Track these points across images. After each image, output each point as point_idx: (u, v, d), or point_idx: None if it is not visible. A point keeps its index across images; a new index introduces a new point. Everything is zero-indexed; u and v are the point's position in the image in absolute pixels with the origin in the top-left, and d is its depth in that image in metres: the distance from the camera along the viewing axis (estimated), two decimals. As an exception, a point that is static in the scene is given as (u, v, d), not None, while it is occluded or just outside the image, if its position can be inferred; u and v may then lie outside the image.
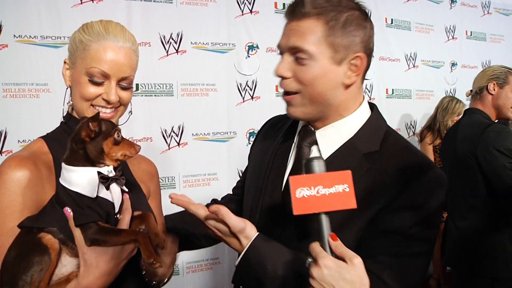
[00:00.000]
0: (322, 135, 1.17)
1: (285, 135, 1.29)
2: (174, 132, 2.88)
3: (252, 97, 3.13)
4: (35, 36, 2.47)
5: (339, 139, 1.15)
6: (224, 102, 3.04)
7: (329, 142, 1.16)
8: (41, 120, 2.42)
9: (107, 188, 1.05)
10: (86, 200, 1.02)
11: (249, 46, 3.12)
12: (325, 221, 0.91)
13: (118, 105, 1.21)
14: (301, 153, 1.19)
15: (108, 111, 1.20)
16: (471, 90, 2.63)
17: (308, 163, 0.93)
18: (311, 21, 1.07)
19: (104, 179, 1.04)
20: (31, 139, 1.26)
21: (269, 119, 1.47)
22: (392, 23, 3.79)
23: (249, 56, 3.12)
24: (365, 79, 1.19)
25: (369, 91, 3.63)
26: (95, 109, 1.18)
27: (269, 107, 3.06)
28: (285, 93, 1.15)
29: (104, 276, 1.04)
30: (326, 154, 1.15)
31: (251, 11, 3.13)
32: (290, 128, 1.30)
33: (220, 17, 3.02)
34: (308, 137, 1.19)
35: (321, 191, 0.90)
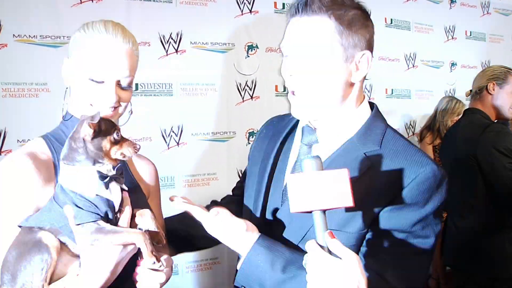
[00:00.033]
0: (323, 134, 1.17)
1: (286, 135, 1.29)
2: (174, 132, 2.87)
3: (252, 97, 3.12)
4: (35, 36, 2.47)
5: (340, 138, 1.15)
6: (224, 102, 3.03)
7: (330, 141, 1.16)
8: (41, 120, 2.40)
9: (107, 187, 1.04)
10: (85, 200, 1.02)
11: (249, 46, 3.11)
12: (322, 219, 0.91)
13: (118, 105, 1.21)
14: (302, 152, 1.19)
15: (108, 111, 1.19)
16: (471, 90, 2.63)
17: (306, 162, 0.94)
18: (320, 18, 1.07)
19: (103, 178, 1.03)
20: (31, 139, 1.25)
21: (269, 119, 1.47)
22: (392, 23, 3.79)
23: (249, 56, 3.11)
24: (365, 79, 1.19)
25: (369, 91, 3.63)
26: (95, 109, 1.18)
27: (269, 107, 3.07)
28: (291, 92, 1.14)
29: (106, 275, 1.04)
30: (327, 153, 1.15)
31: (251, 11, 3.12)
32: (290, 128, 1.30)
33: (220, 17, 3.01)
34: (309, 136, 1.19)
35: (318, 189, 0.91)
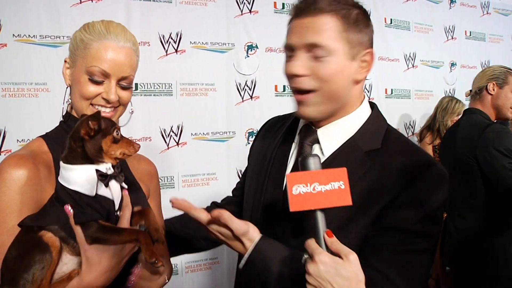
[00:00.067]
0: (324, 134, 1.17)
1: (285, 135, 1.29)
2: (173, 132, 2.87)
3: (251, 97, 3.13)
4: (34, 36, 2.47)
5: (341, 138, 1.15)
6: (223, 102, 3.03)
7: (331, 141, 1.16)
8: (40, 120, 2.41)
9: (106, 186, 1.04)
10: (86, 199, 1.02)
11: (248, 46, 3.11)
12: (321, 218, 0.91)
13: (118, 105, 1.21)
14: (303, 152, 1.19)
15: (108, 111, 1.19)
16: (471, 90, 2.63)
17: (304, 160, 0.94)
18: (327, 17, 1.07)
19: (103, 177, 1.03)
20: (30, 139, 1.25)
21: (268, 120, 1.47)
22: (391, 23, 3.79)
23: (248, 56, 3.11)
24: (365, 79, 1.19)
25: (368, 91, 3.63)
26: (95, 108, 1.18)
27: (268, 107, 3.06)
28: (298, 92, 1.13)
29: (107, 273, 1.04)
30: (328, 153, 1.15)
31: (251, 11, 3.12)
32: (290, 128, 1.30)
33: (220, 17, 3.02)
34: (310, 136, 1.19)
35: (317, 188, 0.91)
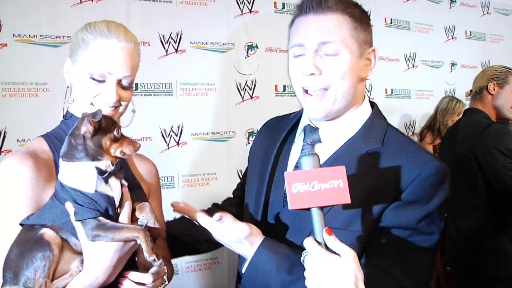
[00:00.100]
0: (326, 133, 1.17)
1: (286, 135, 1.29)
2: (173, 132, 2.87)
3: (252, 97, 3.12)
4: (34, 36, 2.46)
5: (342, 137, 1.16)
6: (224, 102, 3.03)
7: (333, 140, 1.16)
8: (40, 120, 2.40)
9: (106, 182, 1.04)
10: (85, 196, 1.01)
11: (249, 46, 3.11)
12: (320, 216, 0.92)
13: (118, 105, 1.21)
14: (305, 152, 1.19)
15: (108, 110, 1.19)
16: (471, 90, 2.63)
17: (303, 159, 0.94)
18: (337, 15, 1.08)
19: (102, 174, 1.03)
20: (31, 139, 1.25)
21: (268, 120, 1.48)
22: (392, 23, 3.78)
23: (249, 56, 3.11)
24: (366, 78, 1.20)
25: (369, 91, 3.62)
26: (95, 108, 1.18)
27: (269, 107, 3.06)
28: (311, 91, 1.12)
29: (108, 270, 1.04)
30: (330, 152, 1.15)
31: (251, 11, 3.12)
32: (290, 128, 1.30)
33: (220, 17, 3.01)
34: (312, 136, 1.19)
35: (316, 186, 0.91)
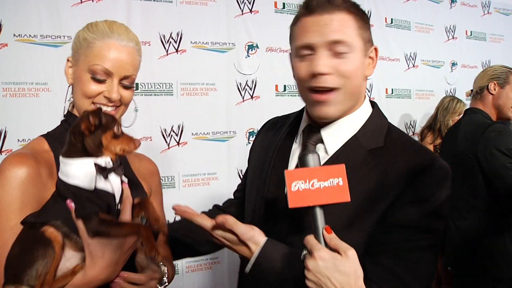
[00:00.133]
0: (327, 133, 1.18)
1: (286, 135, 1.29)
2: (174, 132, 2.87)
3: (252, 97, 3.12)
4: (35, 35, 2.47)
5: (344, 136, 1.16)
6: (224, 102, 3.03)
7: (334, 139, 1.16)
8: (41, 119, 2.41)
9: (106, 178, 1.04)
10: (85, 193, 1.02)
11: (249, 46, 3.11)
12: (320, 214, 0.92)
13: (119, 104, 1.22)
14: (305, 151, 1.19)
15: (109, 109, 1.20)
16: (471, 90, 2.62)
17: (303, 157, 0.95)
18: (344, 14, 1.09)
19: (102, 170, 1.03)
20: (31, 138, 1.25)
21: (268, 120, 1.48)
22: (392, 23, 3.78)
23: (249, 56, 3.11)
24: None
25: (369, 91, 3.63)
26: (96, 107, 1.18)
27: (269, 107, 3.06)
28: (321, 91, 1.11)
29: (110, 267, 1.04)
30: (332, 151, 1.15)
31: (251, 11, 3.12)
32: (291, 128, 1.30)
33: (220, 17, 3.02)
34: (313, 136, 1.20)
35: (316, 185, 0.91)
